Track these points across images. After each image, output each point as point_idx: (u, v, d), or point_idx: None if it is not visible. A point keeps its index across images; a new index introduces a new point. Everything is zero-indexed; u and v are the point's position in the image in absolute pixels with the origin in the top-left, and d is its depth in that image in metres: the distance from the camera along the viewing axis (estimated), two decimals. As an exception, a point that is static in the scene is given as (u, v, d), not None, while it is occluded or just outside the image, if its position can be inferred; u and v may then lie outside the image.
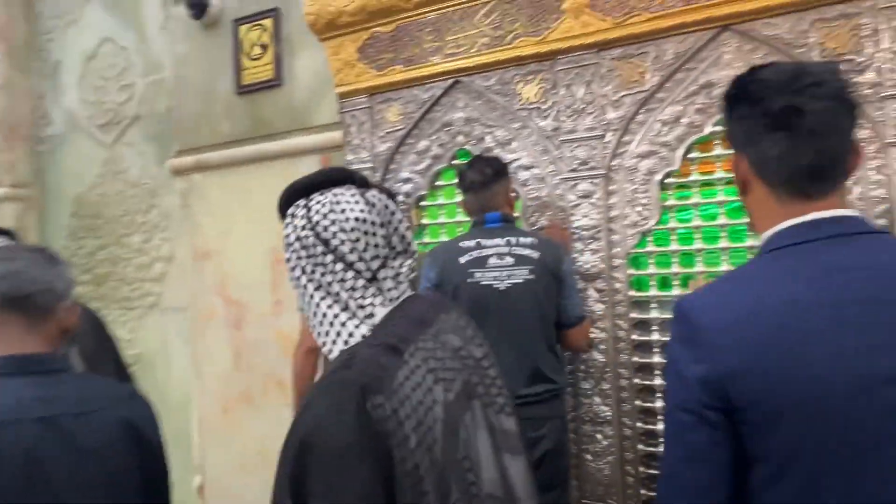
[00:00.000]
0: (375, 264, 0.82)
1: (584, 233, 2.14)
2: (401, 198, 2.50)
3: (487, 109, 2.34)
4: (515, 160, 2.28)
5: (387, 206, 0.87)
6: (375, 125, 2.53)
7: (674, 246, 2.08)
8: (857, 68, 1.80)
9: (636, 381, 2.09)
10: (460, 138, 2.39)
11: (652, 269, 2.10)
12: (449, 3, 2.29)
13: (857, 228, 0.82)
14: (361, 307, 0.80)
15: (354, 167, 2.54)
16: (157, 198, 3.34)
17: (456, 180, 2.15)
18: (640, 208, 2.09)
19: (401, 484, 0.68)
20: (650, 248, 2.10)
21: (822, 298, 0.77)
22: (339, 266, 0.80)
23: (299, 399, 1.95)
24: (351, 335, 0.78)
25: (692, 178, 2.05)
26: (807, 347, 0.75)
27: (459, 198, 2.41)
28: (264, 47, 2.77)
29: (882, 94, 1.77)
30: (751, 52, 1.94)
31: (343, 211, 0.81)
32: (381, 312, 0.80)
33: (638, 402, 2.09)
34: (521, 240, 1.89)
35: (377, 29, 2.45)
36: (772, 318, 0.77)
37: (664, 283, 2.10)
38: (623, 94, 2.10)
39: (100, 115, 3.57)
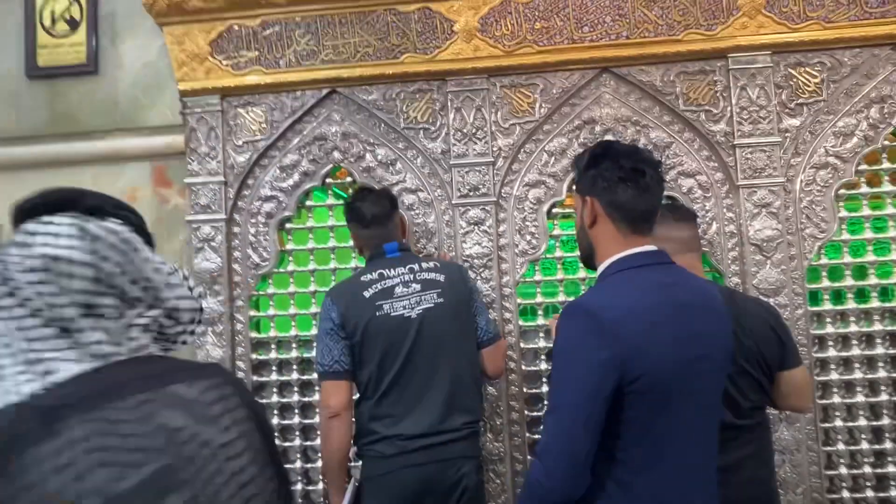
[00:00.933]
0: (71, 312, 0.67)
1: (475, 261, 2.06)
2: (261, 218, 2.15)
3: (368, 125, 2.14)
4: (399, 182, 2.12)
5: (126, 242, 0.72)
6: (230, 132, 2.15)
7: (560, 275, 2.11)
8: (713, 118, 2.05)
9: (527, 412, 2.05)
10: (336, 154, 2.15)
11: (540, 299, 2.10)
12: (329, 4, 2.07)
13: (666, 258, 1.19)
14: (38, 360, 0.65)
15: (200, 179, 2.12)
16: None
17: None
18: (528, 237, 2.09)
19: None
20: (538, 276, 2.11)
21: (663, 302, 1.10)
22: (20, 311, 0.66)
23: None
24: (8, 392, 0.63)
25: (576, 208, 2.11)
26: (660, 337, 1.07)
27: (332, 221, 2.17)
28: (73, 23, 2.20)
29: (732, 143, 2.03)
30: (626, 94, 2.09)
31: (30, 246, 0.67)
32: (68, 369, 0.65)
33: (528, 435, 2.04)
34: (424, 265, 1.74)
35: (238, 21, 2.11)
36: (643, 316, 1.07)
37: (550, 312, 2.11)
38: (513, 122, 2.09)
39: None
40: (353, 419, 1.68)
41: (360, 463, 1.70)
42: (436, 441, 1.59)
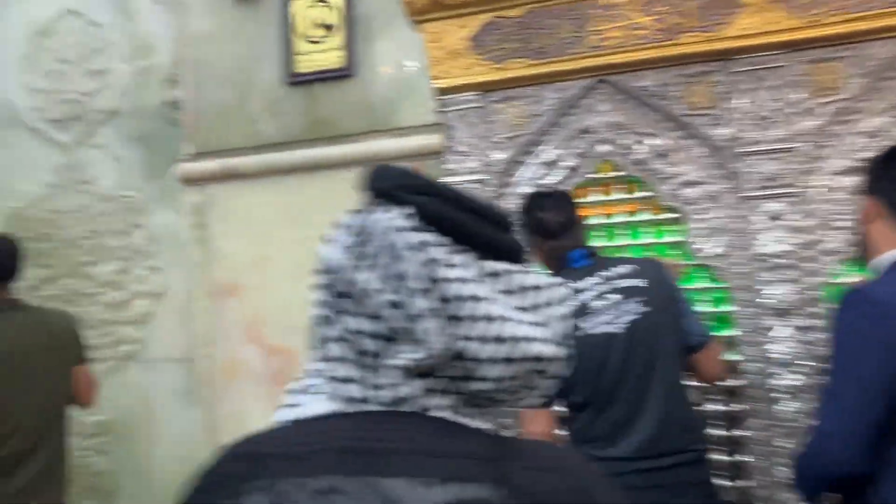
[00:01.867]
0: (323, 331, 0.52)
1: (772, 261, 1.82)
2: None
3: (639, 114, 1.98)
4: (677, 175, 1.93)
5: (392, 245, 0.50)
6: (489, 129, 2.07)
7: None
8: None
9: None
10: (604, 147, 2.00)
11: (852, 303, 1.82)
12: (600, -12, 1.93)
13: None
14: (295, 390, 0.54)
15: (459, 178, 2.05)
16: (144, 215, 2.58)
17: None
18: (837, 233, 1.81)
19: None
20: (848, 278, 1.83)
21: None
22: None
23: None
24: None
25: None
26: None
27: (597, 219, 2.02)
28: (329, 28, 2.23)
29: None
30: (963, 61, 1.76)
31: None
32: (313, 406, 0.51)
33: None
34: (619, 269, 1.53)
35: (499, 13, 2.02)
36: None
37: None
38: (815, 101, 1.84)
39: (53, 107, 2.75)
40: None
41: None
42: (653, 465, 1.40)
